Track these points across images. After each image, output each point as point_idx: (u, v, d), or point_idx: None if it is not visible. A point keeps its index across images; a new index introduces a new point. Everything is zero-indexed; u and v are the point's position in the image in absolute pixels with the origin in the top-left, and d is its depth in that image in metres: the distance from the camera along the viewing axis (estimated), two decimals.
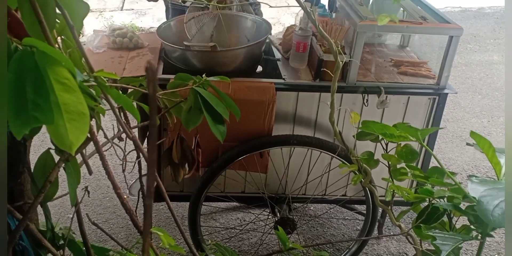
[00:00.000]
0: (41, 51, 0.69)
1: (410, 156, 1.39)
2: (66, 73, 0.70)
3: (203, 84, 1.12)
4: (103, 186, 3.02)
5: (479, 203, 0.97)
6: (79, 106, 0.70)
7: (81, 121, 0.70)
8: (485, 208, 0.95)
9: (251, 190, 2.34)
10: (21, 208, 1.07)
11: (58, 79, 0.69)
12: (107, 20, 5.75)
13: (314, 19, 1.56)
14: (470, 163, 3.37)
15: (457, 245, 1.07)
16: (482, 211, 0.96)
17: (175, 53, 2.17)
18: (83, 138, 0.70)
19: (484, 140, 1.13)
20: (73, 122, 0.69)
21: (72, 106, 0.69)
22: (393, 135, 1.27)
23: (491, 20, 6.20)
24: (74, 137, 0.69)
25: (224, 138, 1.14)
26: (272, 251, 2.54)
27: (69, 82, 0.69)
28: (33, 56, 0.68)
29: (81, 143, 0.71)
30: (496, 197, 0.96)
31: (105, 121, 3.29)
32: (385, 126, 1.28)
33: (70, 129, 0.69)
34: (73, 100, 0.69)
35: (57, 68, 0.69)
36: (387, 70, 2.25)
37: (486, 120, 3.95)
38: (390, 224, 2.72)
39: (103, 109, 0.89)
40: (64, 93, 0.69)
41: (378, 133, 1.30)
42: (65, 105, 0.69)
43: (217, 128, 1.12)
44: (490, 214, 0.94)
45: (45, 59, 0.69)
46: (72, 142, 0.69)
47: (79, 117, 0.70)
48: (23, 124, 0.66)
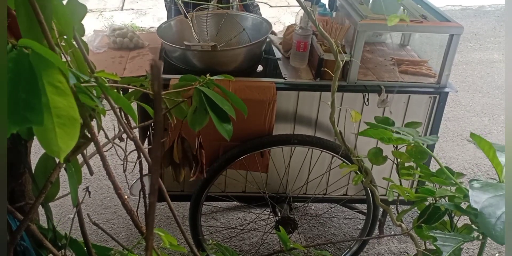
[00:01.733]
0: (36, 53, 0.68)
1: (420, 155, 1.38)
2: (60, 76, 0.68)
3: (207, 84, 1.12)
4: (104, 186, 3.02)
5: (481, 215, 0.95)
6: (71, 111, 0.67)
7: (71, 127, 0.67)
8: (487, 221, 0.94)
9: (252, 189, 2.33)
10: (22, 208, 1.07)
11: (51, 81, 0.67)
12: (107, 20, 5.75)
13: (314, 19, 1.55)
14: (471, 162, 3.37)
15: (458, 246, 1.06)
16: (484, 225, 0.94)
17: (176, 52, 2.17)
18: (73, 145, 0.67)
19: (484, 142, 1.12)
20: (63, 127, 0.67)
21: (64, 110, 0.67)
22: (391, 139, 1.26)
23: (492, 18, 6.19)
24: (63, 143, 0.66)
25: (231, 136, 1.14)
26: (273, 250, 2.54)
27: (62, 85, 0.68)
28: (28, 58, 0.67)
29: (70, 150, 0.68)
30: (498, 206, 0.94)
31: (105, 121, 3.29)
32: (381, 131, 1.27)
33: (59, 134, 0.66)
34: (65, 104, 0.67)
35: (51, 71, 0.67)
36: (387, 69, 2.25)
37: (486, 118, 3.94)
38: (391, 224, 2.72)
39: (104, 109, 0.89)
40: (56, 96, 0.67)
41: (376, 138, 1.29)
42: (56, 108, 0.66)
43: (223, 127, 1.12)
44: (493, 228, 0.93)
45: (40, 61, 0.67)
46: (61, 148, 0.66)
47: (70, 122, 0.67)
48: (12, 123, 0.64)
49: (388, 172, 2.24)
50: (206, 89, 1.09)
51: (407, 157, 1.43)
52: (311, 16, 1.54)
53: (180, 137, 1.53)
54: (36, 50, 0.68)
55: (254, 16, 2.45)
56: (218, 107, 1.09)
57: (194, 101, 1.11)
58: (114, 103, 0.89)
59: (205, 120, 1.13)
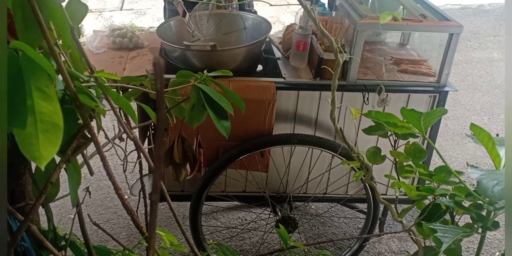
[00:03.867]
0: (26, 56, 0.67)
1: (418, 154, 1.38)
2: (47, 81, 0.67)
3: (205, 80, 1.12)
4: (104, 186, 3.02)
5: (479, 183, 0.99)
6: (55, 117, 0.66)
7: (54, 133, 0.66)
8: (485, 187, 0.97)
9: (252, 189, 2.33)
10: (22, 209, 1.07)
11: (38, 85, 0.66)
12: (107, 20, 5.74)
13: (315, 17, 1.55)
14: (471, 161, 3.37)
15: (458, 237, 1.07)
16: (482, 189, 0.98)
17: (175, 52, 2.17)
18: (54, 152, 0.66)
19: (484, 132, 1.13)
20: (46, 133, 0.65)
21: (48, 116, 0.66)
22: (397, 125, 1.27)
23: (491, 17, 6.19)
24: (45, 150, 0.65)
25: (229, 133, 1.14)
26: (274, 250, 2.54)
27: (48, 90, 0.66)
28: (18, 60, 0.66)
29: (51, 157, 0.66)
30: (494, 178, 0.99)
31: (105, 121, 3.29)
32: (389, 115, 1.28)
33: (42, 140, 0.65)
34: (50, 110, 0.66)
35: (39, 75, 0.66)
36: (387, 68, 2.25)
37: (486, 117, 3.94)
38: (391, 223, 2.72)
39: (104, 109, 0.89)
40: (41, 101, 0.66)
41: (382, 121, 1.29)
42: (41, 114, 0.65)
43: (222, 124, 1.11)
44: (490, 190, 0.96)
45: (29, 64, 0.66)
46: (42, 155, 0.65)
47: (53, 129, 0.66)
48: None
49: (389, 170, 2.24)
50: (203, 86, 1.09)
51: (405, 157, 1.43)
52: (311, 15, 1.53)
53: (180, 137, 1.53)
54: (27, 53, 0.67)
55: (253, 15, 2.45)
56: (216, 103, 1.09)
57: (192, 97, 1.10)
58: (114, 103, 0.89)
59: (203, 117, 1.13)
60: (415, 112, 1.24)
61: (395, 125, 1.27)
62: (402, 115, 1.27)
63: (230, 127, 1.13)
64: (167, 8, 2.91)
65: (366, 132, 1.47)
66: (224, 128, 1.11)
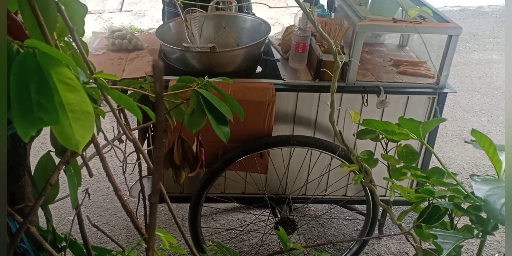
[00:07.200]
0: (43, 52, 0.69)
1: (410, 156, 1.38)
2: (69, 73, 0.70)
3: (205, 86, 1.12)
4: (104, 188, 3.02)
5: (486, 202, 0.98)
6: (84, 105, 0.70)
7: (86, 120, 0.70)
8: (493, 207, 0.96)
9: (251, 190, 2.33)
10: (22, 210, 1.07)
11: (61, 79, 0.69)
12: (106, 22, 5.75)
13: (314, 19, 1.56)
14: (470, 162, 3.37)
15: (458, 243, 1.07)
16: (490, 210, 0.97)
17: (174, 54, 2.17)
18: (89, 137, 0.71)
19: (485, 138, 1.13)
20: (79, 121, 0.69)
21: (77, 105, 0.69)
22: (394, 133, 1.27)
23: (490, 19, 6.20)
24: (80, 136, 0.69)
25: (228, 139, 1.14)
26: (273, 251, 2.54)
27: (72, 81, 0.70)
28: (35, 58, 0.68)
29: (87, 142, 0.71)
30: (501, 195, 0.97)
31: (105, 123, 3.29)
32: (386, 123, 1.28)
33: (75, 129, 0.69)
34: (77, 100, 0.70)
35: (59, 68, 0.69)
36: (386, 70, 2.25)
37: (485, 119, 3.95)
38: (390, 224, 2.72)
39: (103, 111, 0.89)
40: (68, 93, 0.69)
41: (379, 129, 1.29)
42: (70, 104, 0.69)
43: (221, 129, 1.12)
44: (498, 213, 0.95)
45: (47, 59, 0.69)
46: (78, 141, 0.69)
47: (84, 116, 0.70)
48: (29, 126, 0.66)
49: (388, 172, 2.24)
50: (204, 91, 1.09)
51: (396, 160, 1.44)
52: (310, 17, 1.54)
53: (180, 139, 1.53)
54: (42, 49, 0.69)
55: (253, 17, 2.45)
56: (215, 109, 1.10)
57: (192, 102, 1.11)
58: (114, 104, 0.89)
59: (203, 122, 1.13)
60: (413, 121, 1.23)
61: (393, 133, 1.27)
62: (401, 124, 1.26)
63: (229, 132, 1.13)
64: (166, 10, 2.91)
65: (359, 137, 1.48)
66: (224, 133, 1.12)
